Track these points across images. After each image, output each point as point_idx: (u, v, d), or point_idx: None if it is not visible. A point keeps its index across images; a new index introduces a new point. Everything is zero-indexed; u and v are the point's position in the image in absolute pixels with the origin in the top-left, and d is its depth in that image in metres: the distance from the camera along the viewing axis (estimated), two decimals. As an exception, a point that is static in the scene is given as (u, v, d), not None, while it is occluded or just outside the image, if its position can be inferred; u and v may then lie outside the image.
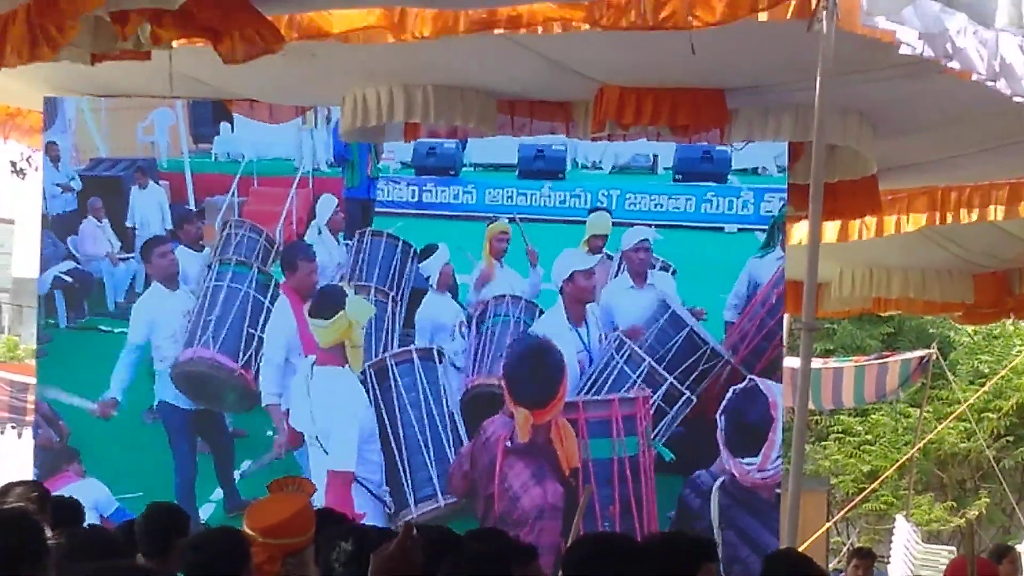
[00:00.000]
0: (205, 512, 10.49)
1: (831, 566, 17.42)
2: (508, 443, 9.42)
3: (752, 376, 9.99)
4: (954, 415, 19.97)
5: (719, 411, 9.83)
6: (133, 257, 11.04)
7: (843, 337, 23.84)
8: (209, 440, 10.75)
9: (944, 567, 12.35)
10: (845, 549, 20.28)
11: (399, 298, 10.73)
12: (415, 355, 10.43)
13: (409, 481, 10.10)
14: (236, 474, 10.65)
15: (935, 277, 13.76)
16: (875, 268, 13.83)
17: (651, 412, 9.98)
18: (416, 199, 10.97)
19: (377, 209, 10.96)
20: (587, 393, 10.11)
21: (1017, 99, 7.82)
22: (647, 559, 4.50)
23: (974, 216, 11.66)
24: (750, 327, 10.36)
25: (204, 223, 11.05)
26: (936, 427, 20.27)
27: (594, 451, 9.77)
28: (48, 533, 5.06)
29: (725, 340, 10.35)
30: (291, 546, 4.95)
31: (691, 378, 10.18)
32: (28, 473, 10.41)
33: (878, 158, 10.17)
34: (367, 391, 10.26)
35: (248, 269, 10.79)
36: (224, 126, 11.23)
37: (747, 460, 9.67)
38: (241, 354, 10.60)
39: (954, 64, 7.57)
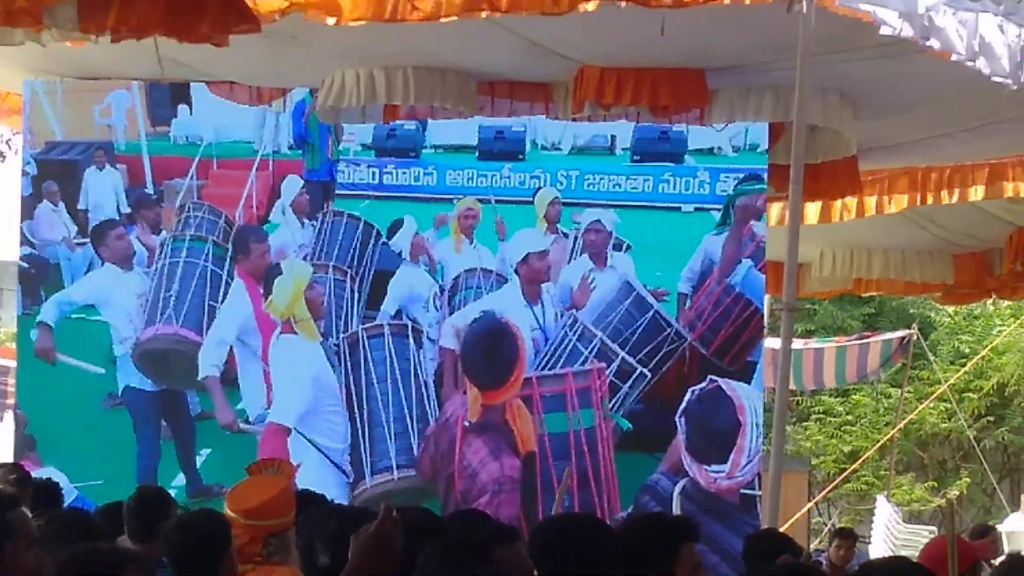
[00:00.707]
0: (167, 498, 10.42)
1: (812, 546, 17.41)
2: (467, 423, 9.39)
3: (714, 376, 9.71)
4: (935, 395, 19.99)
5: (678, 412, 9.58)
6: (89, 241, 10.86)
7: (824, 317, 23.81)
8: (171, 424, 10.64)
9: (925, 547, 12.38)
10: (826, 529, 20.32)
11: (359, 276, 10.67)
12: (387, 329, 10.38)
13: (368, 453, 10.07)
14: (198, 459, 10.59)
15: (915, 258, 13.79)
16: (856, 249, 13.86)
17: (606, 385, 9.87)
18: (377, 181, 10.95)
19: (338, 191, 10.91)
20: (542, 370, 10.05)
21: (996, 79, 7.83)
22: (623, 540, 4.43)
23: (954, 197, 11.67)
24: (706, 304, 10.37)
25: (163, 206, 10.92)
26: (917, 407, 20.27)
27: (549, 426, 9.65)
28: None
29: (680, 315, 10.36)
30: (273, 527, 4.98)
31: (655, 359, 10.14)
32: (9, 456, 10.37)
33: (859, 139, 10.17)
34: (339, 363, 10.23)
35: (203, 243, 10.66)
36: (182, 108, 11.10)
37: (714, 468, 9.38)
38: (205, 327, 10.50)
39: (934, 44, 7.57)
